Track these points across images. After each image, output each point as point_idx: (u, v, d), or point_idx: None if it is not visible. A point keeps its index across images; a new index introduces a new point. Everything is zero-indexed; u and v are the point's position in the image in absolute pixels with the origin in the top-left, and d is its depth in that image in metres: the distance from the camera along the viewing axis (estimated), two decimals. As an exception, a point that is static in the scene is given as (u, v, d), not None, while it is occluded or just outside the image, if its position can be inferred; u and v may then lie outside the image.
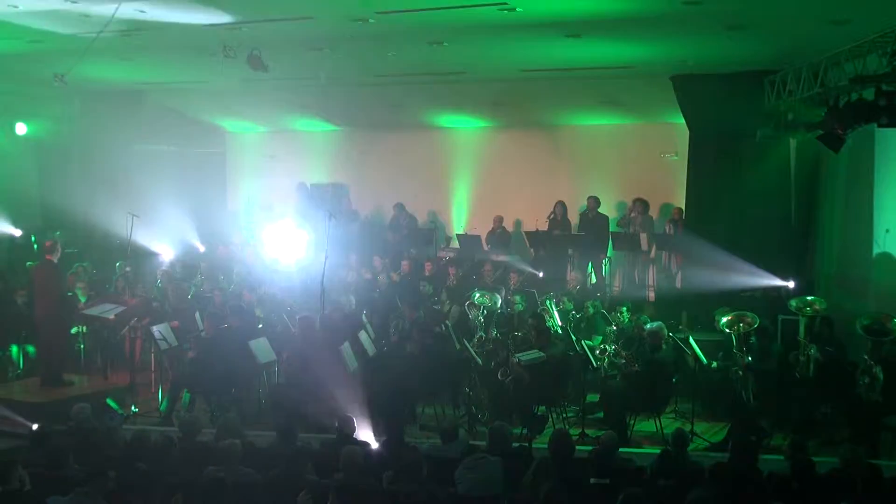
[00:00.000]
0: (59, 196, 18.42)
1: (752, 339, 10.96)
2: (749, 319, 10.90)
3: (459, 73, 14.14)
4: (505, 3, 9.51)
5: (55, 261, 11.79)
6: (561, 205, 16.02)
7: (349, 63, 13.43)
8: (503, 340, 11.83)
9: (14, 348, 13.08)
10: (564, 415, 11.37)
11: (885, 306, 11.03)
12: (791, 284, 13.04)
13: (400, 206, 17.63)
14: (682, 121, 14.37)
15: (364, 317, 13.15)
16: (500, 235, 16.69)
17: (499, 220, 16.76)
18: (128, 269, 15.43)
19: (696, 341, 11.07)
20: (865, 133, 11.19)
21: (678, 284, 14.67)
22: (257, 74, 12.05)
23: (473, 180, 18.00)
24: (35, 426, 9.36)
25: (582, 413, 10.84)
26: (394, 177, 18.32)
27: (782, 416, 10.73)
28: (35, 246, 17.29)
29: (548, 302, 13.01)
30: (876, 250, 12.03)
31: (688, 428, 9.91)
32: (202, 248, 18.40)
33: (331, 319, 12.05)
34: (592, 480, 7.11)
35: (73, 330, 12.82)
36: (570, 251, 15.74)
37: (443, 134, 18.45)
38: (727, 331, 10.95)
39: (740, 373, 10.56)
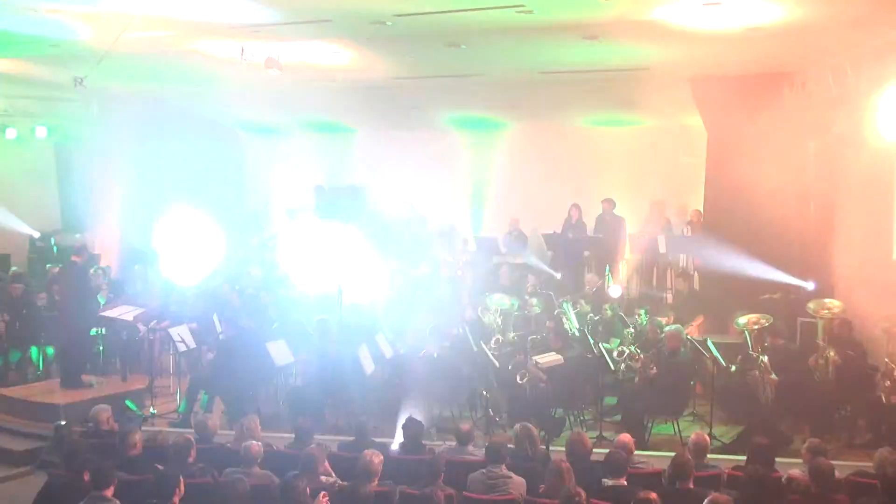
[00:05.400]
0: (79, 198, 18.59)
1: (767, 340, 10.92)
2: (763, 320, 10.87)
3: (476, 76, 14.14)
4: (522, 6, 9.50)
5: (81, 263, 11.88)
6: (576, 207, 15.99)
7: (367, 65, 13.45)
8: (521, 343, 11.82)
9: (34, 350, 13.18)
10: (582, 417, 11.34)
11: (905, 308, 10.96)
12: (810, 286, 12.99)
13: (411, 206, 17.62)
14: (700, 123, 14.32)
15: (381, 319, 13.17)
16: (517, 237, 16.67)
17: (515, 223, 16.74)
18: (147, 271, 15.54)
19: (714, 344, 11.02)
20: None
21: (696, 287, 14.60)
22: (275, 77, 12.11)
23: (490, 182, 17.99)
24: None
25: (599, 416, 10.81)
26: (411, 178, 18.33)
27: (801, 419, 10.69)
28: (55, 248, 17.46)
29: (565, 304, 13.00)
30: (896, 252, 11.95)
31: (706, 431, 9.86)
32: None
33: (347, 322, 12.09)
34: (609, 483, 7.08)
35: (92, 332, 12.89)
36: (586, 253, 15.72)
37: (460, 135, 18.44)
38: (745, 331, 10.91)
39: (756, 373, 10.50)
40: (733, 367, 10.98)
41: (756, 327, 10.82)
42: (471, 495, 7.08)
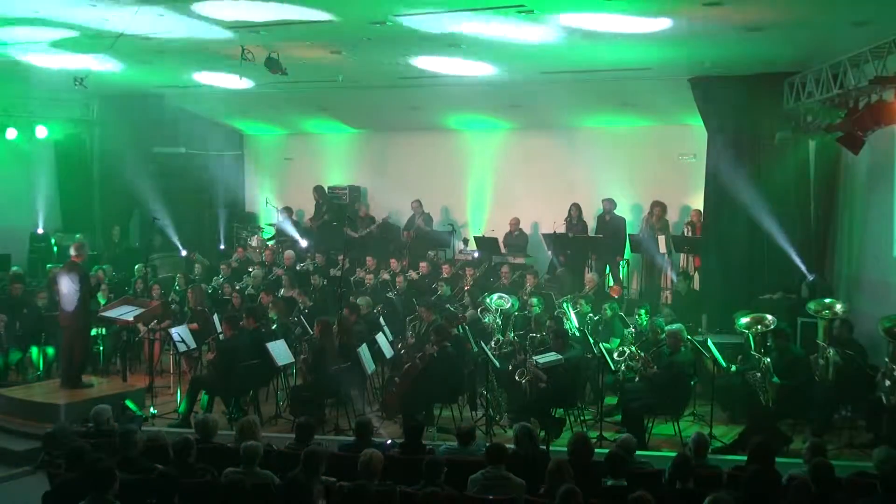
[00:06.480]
0: (79, 198, 18.60)
1: (769, 341, 10.91)
2: (767, 321, 10.86)
3: (476, 75, 14.12)
4: (522, 6, 9.50)
5: (80, 263, 11.87)
6: (576, 206, 15.99)
7: (367, 65, 13.45)
8: (521, 343, 11.81)
9: (34, 350, 13.18)
10: (582, 417, 11.35)
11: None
12: (811, 277, 13.03)
13: (418, 202, 17.61)
14: (700, 123, 14.32)
15: (381, 319, 13.17)
16: (517, 238, 16.67)
17: (516, 223, 16.74)
18: (147, 270, 15.56)
19: (715, 344, 11.02)
20: (885, 134, 11.12)
21: (696, 286, 14.60)
22: (276, 77, 12.12)
23: (491, 182, 18.00)
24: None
25: (600, 416, 10.81)
26: (411, 179, 18.33)
27: (801, 420, 10.70)
28: (55, 248, 17.46)
29: (565, 304, 12.99)
30: (896, 252, 11.95)
31: (706, 431, 9.86)
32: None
33: (348, 322, 12.09)
34: (609, 483, 7.08)
35: (93, 332, 12.87)
36: (588, 253, 15.71)
37: (460, 136, 18.46)
38: (746, 331, 10.91)
39: (758, 375, 10.50)
40: (733, 367, 10.99)
41: (760, 327, 10.79)
42: (471, 495, 7.08)
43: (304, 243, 17.86)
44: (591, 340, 11.41)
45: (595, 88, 14.81)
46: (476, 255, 16.47)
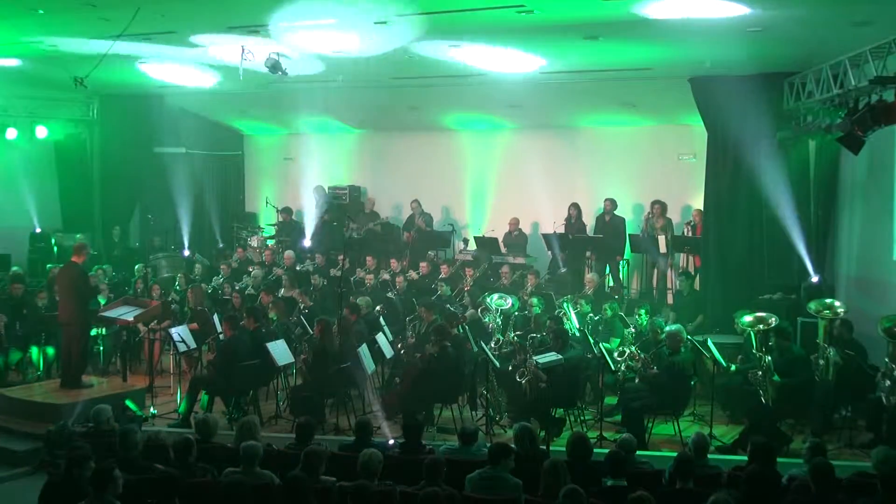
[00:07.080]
0: (79, 198, 18.61)
1: (771, 340, 10.91)
2: (769, 320, 10.86)
3: (477, 75, 14.13)
4: (522, 6, 9.50)
5: (81, 263, 11.86)
6: (575, 206, 15.99)
7: (367, 65, 13.45)
8: (521, 343, 11.82)
9: (34, 350, 13.17)
10: (582, 417, 11.35)
11: (906, 309, 10.94)
12: (816, 278, 13.03)
13: (417, 203, 17.63)
14: (700, 123, 14.33)
15: (381, 319, 13.17)
16: (517, 238, 16.67)
17: (516, 223, 16.73)
18: (147, 270, 15.56)
19: (715, 344, 11.02)
20: (885, 134, 11.12)
21: (697, 286, 14.60)
22: (276, 77, 12.12)
23: (491, 182, 17.99)
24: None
25: (600, 416, 10.81)
26: (411, 179, 18.34)
27: (801, 420, 10.70)
28: (55, 248, 17.46)
29: (565, 304, 13.00)
30: (896, 252, 11.95)
31: (706, 431, 9.86)
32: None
33: (348, 322, 12.09)
34: (609, 483, 7.09)
35: (93, 332, 12.87)
36: (587, 253, 15.72)
37: (460, 136, 18.45)
38: (748, 330, 10.90)
39: (759, 374, 10.50)
40: (733, 367, 10.99)
41: (762, 326, 10.80)
42: (471, 495, 7.08)
43: (308, 242, 17.87)
44: (591, 340, 11.42)
45: (595, 88, 14.81)
46: (474, 253, 16.47)
